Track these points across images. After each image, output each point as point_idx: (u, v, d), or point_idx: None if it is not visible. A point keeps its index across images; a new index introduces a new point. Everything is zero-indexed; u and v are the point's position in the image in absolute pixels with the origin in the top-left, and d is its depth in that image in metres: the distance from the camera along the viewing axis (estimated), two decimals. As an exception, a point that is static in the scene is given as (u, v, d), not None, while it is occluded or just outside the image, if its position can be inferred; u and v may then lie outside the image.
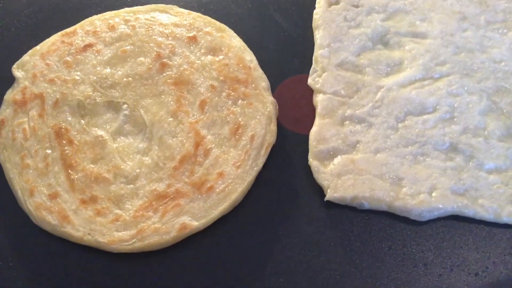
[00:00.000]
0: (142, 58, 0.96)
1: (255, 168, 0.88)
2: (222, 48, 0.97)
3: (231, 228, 0.86)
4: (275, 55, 1.04)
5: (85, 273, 0.82)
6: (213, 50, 0.97)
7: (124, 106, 0.92)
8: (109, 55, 0.96)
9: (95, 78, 0.94)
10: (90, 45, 0.97)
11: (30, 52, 0.97)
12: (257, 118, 0.91)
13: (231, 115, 0.91)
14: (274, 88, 0.98)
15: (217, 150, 0.88)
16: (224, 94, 0.93)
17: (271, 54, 1.04)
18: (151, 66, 0.95)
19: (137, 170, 0.86)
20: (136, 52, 0.96)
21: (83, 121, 0.91)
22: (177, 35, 0.98)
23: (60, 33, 0.99)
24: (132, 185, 0.85)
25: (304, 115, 0.97)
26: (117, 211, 0.83)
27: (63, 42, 0.97)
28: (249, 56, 0.97)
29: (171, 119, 0.90)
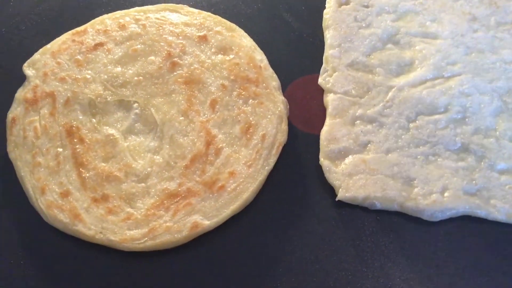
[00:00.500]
0: (153, 57, 0.96)
1: (267, 168, 0.87)
2: (233, 48, 0.97)
3: (242, 228, 0.85)
4: (285, 55, 1.04)
5: (96, 272, 0.82)
6: (224, 50, 0.97)
7: (135, 105, 0.92)
8: (120, 54, 0.96)
9: (106, 77, 0.94)
10: (101, 44, 0.97)
11: (41, 51, 0.97)
12: (268, 118, 0.91)
13: (242, 114, 0.91)
14: (285, 88, 0.98)
15: (228, 149, 0.88)
16: (235, 93, 0.93)
17: (281, 54, 1.04)
18: (162, 65, 0.95)
19: (148, 169, 0.86)
20: (147, 51, 0.96)
21: (94, 120, 0.91)
22: (188, 34, 0.98)
23: (71, 32, 0.99)
24: (144, 184, 0.85)
25: (315, 115, 0.96)
26: (129, 210, 0.83)
27: (74, 41, 0.97)
28: (260, 56, 0.97)
29: (182, 118, 0.90)
